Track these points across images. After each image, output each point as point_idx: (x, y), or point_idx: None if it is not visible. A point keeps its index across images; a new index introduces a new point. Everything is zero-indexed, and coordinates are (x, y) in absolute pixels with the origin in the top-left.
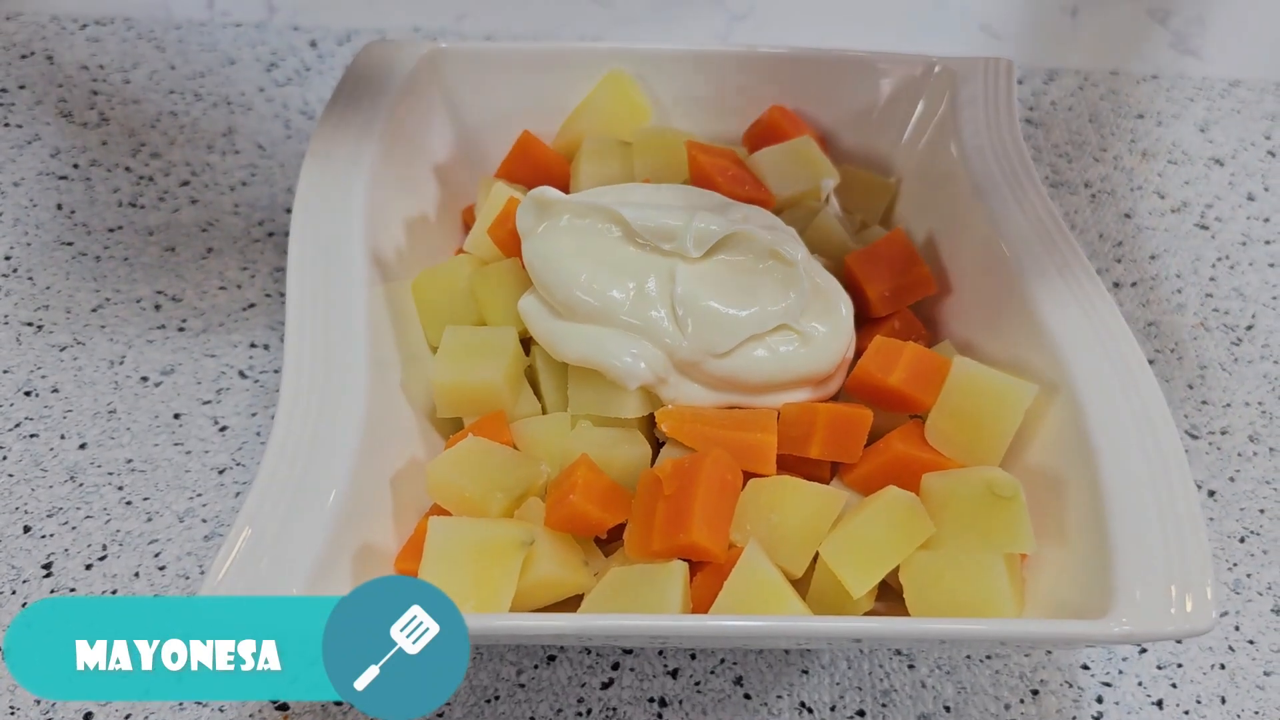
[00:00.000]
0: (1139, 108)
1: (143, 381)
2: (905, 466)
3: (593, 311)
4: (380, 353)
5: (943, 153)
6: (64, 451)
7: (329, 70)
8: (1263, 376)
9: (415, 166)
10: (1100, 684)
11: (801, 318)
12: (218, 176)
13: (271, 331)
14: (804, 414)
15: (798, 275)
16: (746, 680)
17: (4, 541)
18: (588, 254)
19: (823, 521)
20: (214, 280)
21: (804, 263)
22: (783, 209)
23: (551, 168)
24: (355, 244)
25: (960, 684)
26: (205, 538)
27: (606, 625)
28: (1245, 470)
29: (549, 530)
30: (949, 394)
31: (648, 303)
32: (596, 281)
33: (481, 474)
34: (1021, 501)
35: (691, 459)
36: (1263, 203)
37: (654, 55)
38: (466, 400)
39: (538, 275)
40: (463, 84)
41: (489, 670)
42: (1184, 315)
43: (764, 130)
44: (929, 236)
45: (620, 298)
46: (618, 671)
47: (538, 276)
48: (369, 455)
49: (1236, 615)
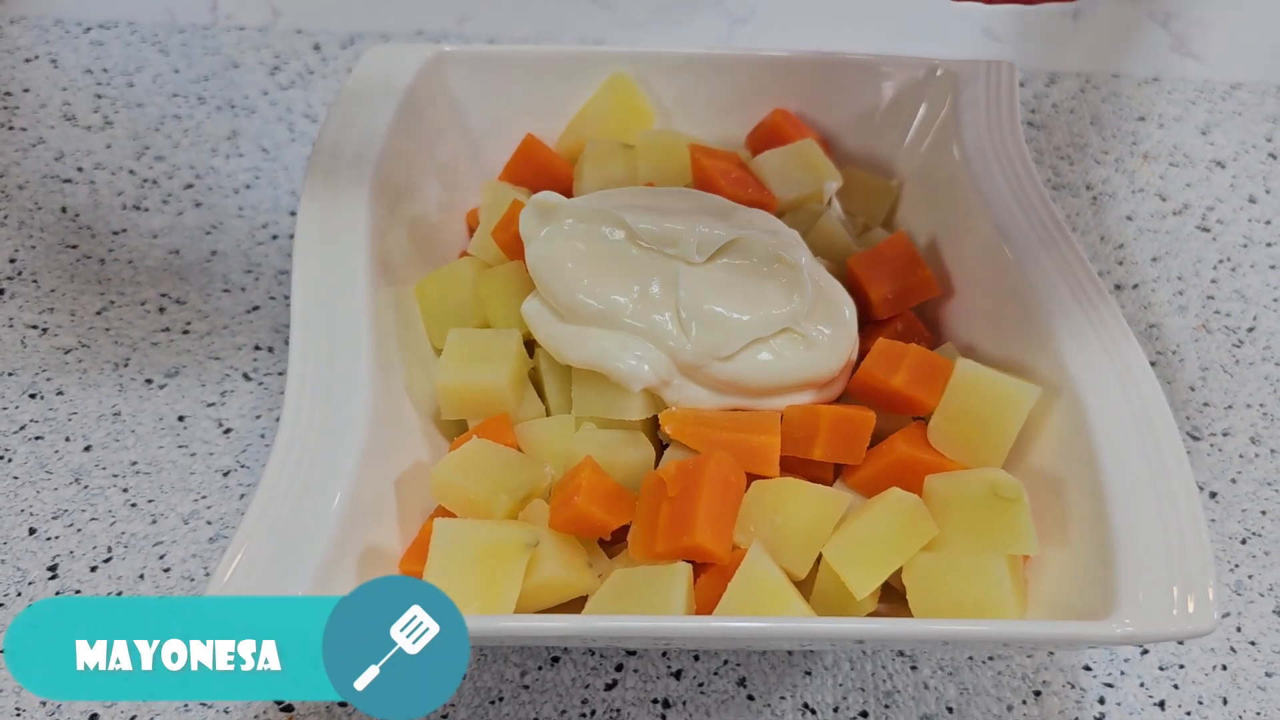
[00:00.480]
0: (1140, 110)
1: (147, 384)
2: (908, 468)
3: (596, 315)
4: (384, 355)
5: (945, 155)
6: (69, 454)
7: (332, 73)
8: (1264, 378)
9: (419, 169)
10: (1102, 685)
11: (805, 321)
12: (222, 180)
13: (276, 334)
14: (807, 416)
15: (801, 279)
16: (750, 681)
17: (9, 544)
18: (591, 258)
19: (826, 523)
20: (218, 283)
21: (807, 266)
22: (785, 212)
23: (554, 171)
24: (359, 247)
25: (963, 685)
26: (210, 540)
27: (610, 627)
28: (1247, 472)
29: (553, 532)
30: (951, 396)
31: (651, 306)
32: (600, 285)
33: (486, 476)
34: (1024, 503)
35: (695, 461)
36: (1264, 205)
37: (657, 58)
38: (470, 402)
39: (541, 279)
40: (466, 87)
41: (493, 671)
42: (1185, 317)
43: (766, 133)
44: (931, 239)
45: (624, 301)
46: (621, 673)
47: (541, 281)
48: (373, 457)
49: (1238, 616)
